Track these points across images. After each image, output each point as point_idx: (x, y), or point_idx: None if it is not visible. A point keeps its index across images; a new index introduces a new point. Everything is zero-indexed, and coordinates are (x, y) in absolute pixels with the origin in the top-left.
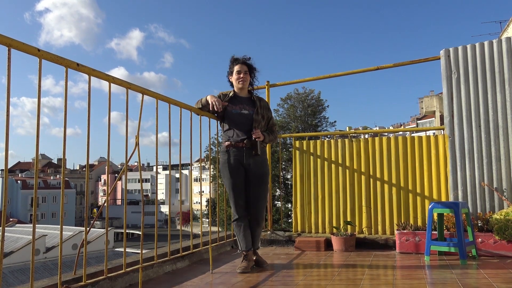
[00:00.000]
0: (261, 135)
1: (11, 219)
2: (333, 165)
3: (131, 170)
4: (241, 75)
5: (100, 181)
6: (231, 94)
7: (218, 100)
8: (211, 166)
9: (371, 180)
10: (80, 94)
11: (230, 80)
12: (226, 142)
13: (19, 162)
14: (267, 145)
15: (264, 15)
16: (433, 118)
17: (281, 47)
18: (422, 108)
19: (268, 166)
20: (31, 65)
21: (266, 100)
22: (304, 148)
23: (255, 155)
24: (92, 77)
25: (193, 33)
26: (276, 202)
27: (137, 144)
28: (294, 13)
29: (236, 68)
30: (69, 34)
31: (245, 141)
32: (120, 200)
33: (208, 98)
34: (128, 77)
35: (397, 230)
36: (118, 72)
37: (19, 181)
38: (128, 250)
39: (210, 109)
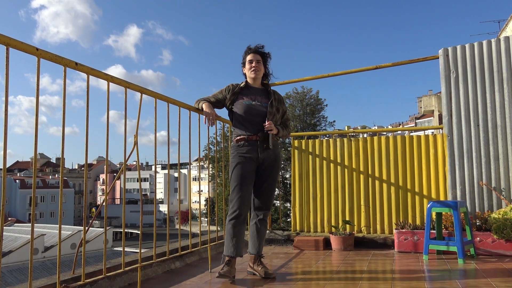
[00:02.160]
0: (273, 128)
1: (9, 219)
2: (332, 165)
3: (129, 169)
4: (253, 64)
5: (99, 180)
6: (242, 85)
7: (213, 114)
8: (210, 166)
9: (370, 179)
10: (78, 92)
11: (244, 71)
12: (238, 136)
13: (17, 162)
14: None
15: (263, 14)
16: (432, 117)
17: (280, 46)
18: (421, 107)
19: (281, 161)
20: (27, 64)
21: None
22: (303, 148)
23: (266, 149)
24: (90, 76)
25: (191, 30)
26: (275, 201)
27: (135, 143)
28: (293, 12)
29: (248, 57)
30: (66, 31)
31: (258, 135)
32: (118, 199)
33: (204, 108)
34: (126, 75)
35: (395, 229)
36: (116, 71)
37: (17, 180)
38: (126, 249)
39: (204, 123)
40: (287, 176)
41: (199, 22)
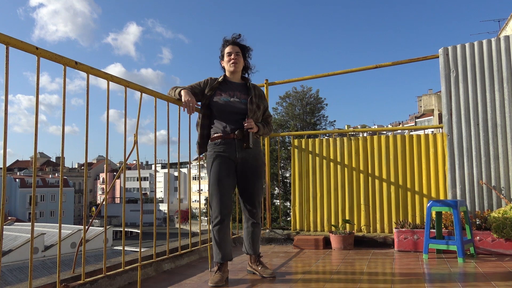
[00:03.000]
0: (254, 126)
1: (9, 218)
2: (331, 164)
3: (129, 169)
4: (232, 57)
5: (99, 179)
6: (220, 79)
7: (192, 101)
8: None
9: (370, 178)
10: (77, 91)
11: (222, 64)
12: (215, 134)
13: (17, 161)
14: (261, 138)
15: (264, 13)
16: (432, 117)
17: (280, 45)
18: (421, 106)
19: (263, 159)
20: (26, 62)
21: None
22: (303, 147)
23: (246, 148)
24: (89, 75)
25: (191, 29)
26: (274, 201)
27: (135, 142)
28: (293, 11)
29: (227, 49)
30: (65, 29)
31: (236, 132)
32: (118, 199)
33: (183, 94)
34: (125, 74)
35: (395, 228)
36: (115, 69)
37: (17, 180)
38: (126, 248)
39: (183, 110)
40: (287, 175)
41: (199, 21)
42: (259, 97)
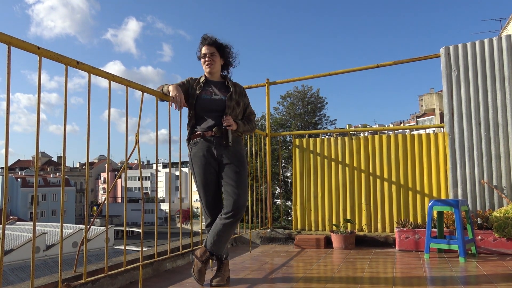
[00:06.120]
0: (232, 123)
1: (11, 217)
2: (333, 163)
3: (131, 168)
4: (207, 58)
5: (100, 179)
6: (202, 79)
7: (180, 96)
8: None
9: (371, 178)
10: (76, 89)
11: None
12: (194, 133)
13: (19, 160)
14: (243, 135)
15: (265, 10)
16: (433, 116)
17: (281, 44)
18: (422, 106)
19: (244, 157)
20: (24, 60)
21: (266, 97)
22: (304, 146)
23: (226, 146)
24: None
25: (192, 24)
26: (276, 200)
27: (137, 142)
28: (295, 10)
29: (202, 51)
30: (63, 25)
31: (214, 129)
32: (120, 198)
33: (171, 90)
34: (125, 72)
35: (396, 227)
36: (114, 67)
37: (19, 179)
38: (128, 248)
39: (170, 106)
40: (288, 174)
41: (200, 16)
42: (239, 94)
